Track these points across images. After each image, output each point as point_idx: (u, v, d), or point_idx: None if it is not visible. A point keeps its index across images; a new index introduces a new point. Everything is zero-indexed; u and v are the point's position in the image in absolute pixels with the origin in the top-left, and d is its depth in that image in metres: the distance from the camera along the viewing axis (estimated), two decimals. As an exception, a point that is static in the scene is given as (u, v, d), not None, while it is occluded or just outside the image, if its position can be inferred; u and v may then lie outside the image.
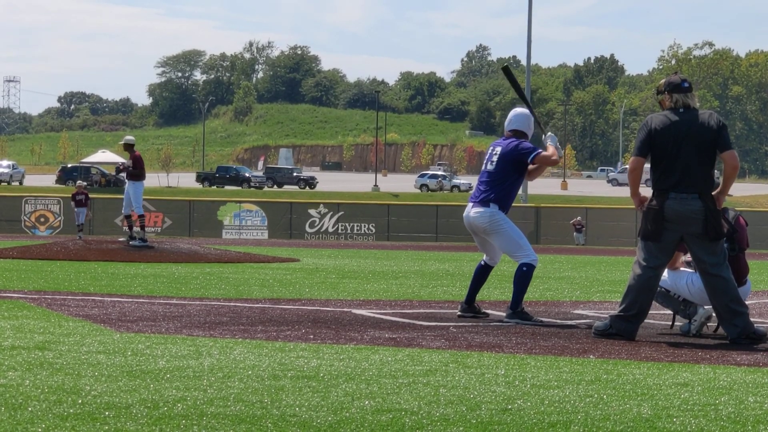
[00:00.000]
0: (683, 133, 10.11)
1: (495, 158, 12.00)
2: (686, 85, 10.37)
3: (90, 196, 44.32)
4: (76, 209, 41.39)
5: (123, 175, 27.50)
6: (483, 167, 12.20)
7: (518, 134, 12.12)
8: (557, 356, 8.74)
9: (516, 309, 11.66)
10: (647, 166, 10.44)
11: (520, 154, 11.91)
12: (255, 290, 15.85)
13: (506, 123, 12.29)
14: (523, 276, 11.83)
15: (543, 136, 12.12)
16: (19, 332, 9.49)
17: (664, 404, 6.46)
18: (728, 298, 10.16)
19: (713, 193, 10.18)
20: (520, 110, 12.44)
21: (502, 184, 11.95)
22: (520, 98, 12.81)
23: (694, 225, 10.09)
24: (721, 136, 10.17)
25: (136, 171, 25.68)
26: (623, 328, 10.18)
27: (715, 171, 10.41)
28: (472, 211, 12.01)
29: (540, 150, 11.98)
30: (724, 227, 10.21)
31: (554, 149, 11.93)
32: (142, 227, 26.36)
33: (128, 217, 26.49)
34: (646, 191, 10.26)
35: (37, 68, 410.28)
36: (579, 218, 56.54)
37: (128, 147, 26.04)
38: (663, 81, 10.54)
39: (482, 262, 12.40)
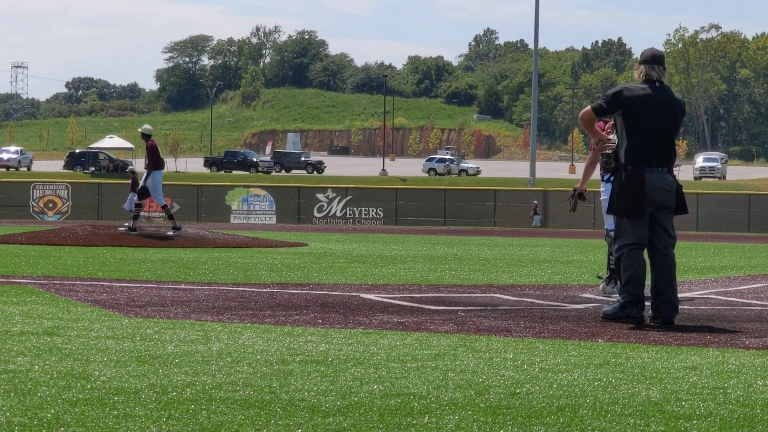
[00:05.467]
0: (660, 109, 10.19)
1: None
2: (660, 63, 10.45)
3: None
4: None
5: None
6: None
7: None
8: (565, 340, 8.74)
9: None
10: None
11: None
12: (263, 275, 15.86)
13: None
14: None
15: None
16: (27, 318, 9.51)
17: (673, 388, 6.45)
18: (673, 277, 10.18)
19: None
20: None
21: None
22: None
23: (668, 199, 10.16)
24: (683, 115, 10.52)
25: (152, 161, 24.92)
26: (635, 312, 10.14)
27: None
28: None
29: None
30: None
31: None
32: (170, 217, 25.91)
33: (164, 207, 25.76)
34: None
35: (44, 54, 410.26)
36: (536, 202, 57.42)
37: (145, 136, 25.22)
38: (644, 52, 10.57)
39: None
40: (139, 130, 25.69)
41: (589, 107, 10.43)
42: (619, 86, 10.39)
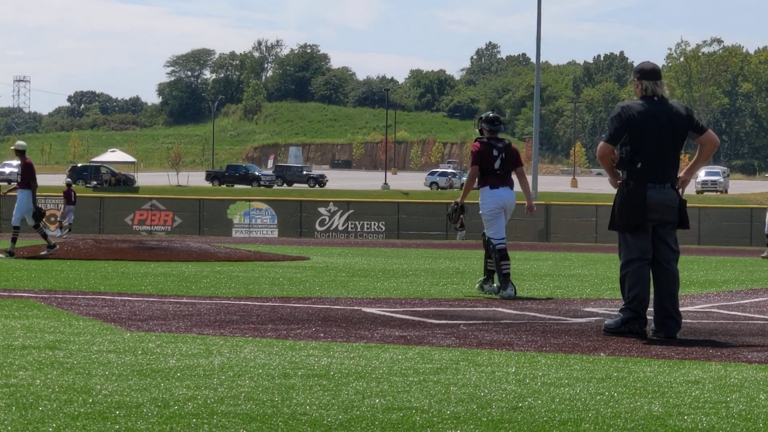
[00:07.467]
0: (661, 123, 10.17)
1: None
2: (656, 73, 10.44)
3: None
4: None
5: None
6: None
7: None
8: (568, 354, 8.73)
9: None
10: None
11: None
12: (265, 289, 15.85)
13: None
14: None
15: None
16: (29, 332, 9.50)
17: (675, 402, 6.44)
18: (675, 292, 10.18)
19: (682, 174, 10.35)
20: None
21: None
22: None
23: (670, 214, 10.16)
24: (692, 122, 10.37)
25: (25, 179, 24.40)
26: (637, 328, 10.14)
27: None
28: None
29: None
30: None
31: None
32: (13, 239, 24.98)
33: (16, 228, 25.29)
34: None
35: (47, 68, 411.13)
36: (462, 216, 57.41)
37: (19, 153, 24.55)
38: (637, 67, 10.58)
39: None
40: (12, 147, 24.67)
41: (601, 142, 10.47)
42: (618, 108, 10.38)
